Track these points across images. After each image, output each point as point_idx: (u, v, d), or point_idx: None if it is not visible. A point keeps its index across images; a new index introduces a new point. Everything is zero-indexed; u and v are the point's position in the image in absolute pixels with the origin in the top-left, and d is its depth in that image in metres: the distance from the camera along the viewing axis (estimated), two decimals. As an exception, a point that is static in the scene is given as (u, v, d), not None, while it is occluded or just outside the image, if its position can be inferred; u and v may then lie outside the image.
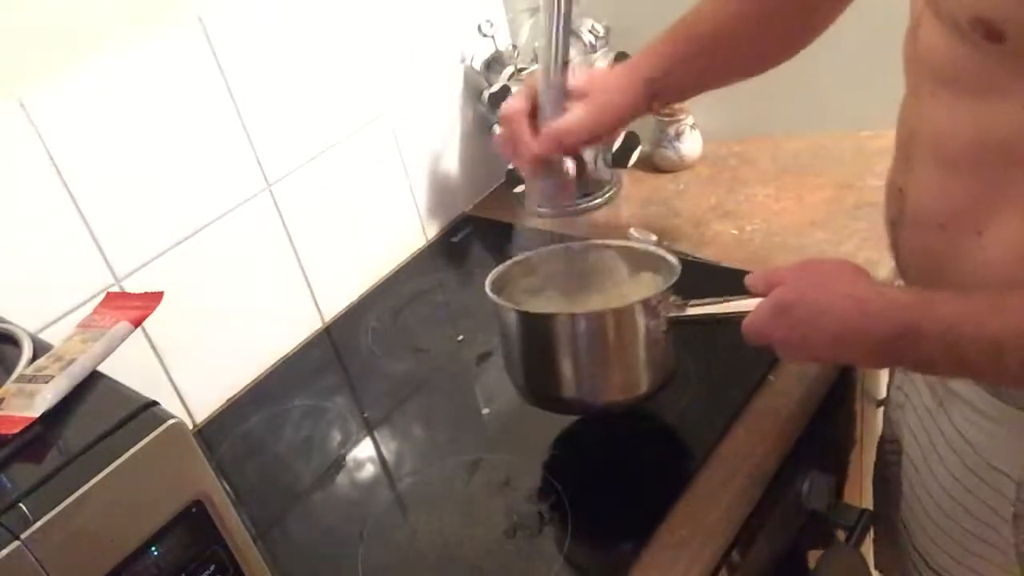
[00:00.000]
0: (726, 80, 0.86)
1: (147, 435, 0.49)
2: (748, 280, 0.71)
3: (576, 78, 0.81)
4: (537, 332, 0.80)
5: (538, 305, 0.85)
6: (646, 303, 0.75)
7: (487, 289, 0.82)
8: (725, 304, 0.73)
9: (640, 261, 0.86)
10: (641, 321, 0.75)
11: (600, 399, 0.81)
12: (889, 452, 0.91)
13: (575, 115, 0.80)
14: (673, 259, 0.82)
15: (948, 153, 0.64)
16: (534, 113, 0.81)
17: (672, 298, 0.76)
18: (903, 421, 0.83)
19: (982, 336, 0.57)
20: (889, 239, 0.76)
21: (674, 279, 0.78)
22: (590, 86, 0.81)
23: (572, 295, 0.86)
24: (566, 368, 0.79)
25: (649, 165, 1.29)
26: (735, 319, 0.70)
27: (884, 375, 1.08)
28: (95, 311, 0.61)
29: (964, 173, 0.63)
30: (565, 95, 0.80)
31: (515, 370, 0.83)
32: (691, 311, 0.76)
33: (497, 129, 1.19)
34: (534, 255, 0.89)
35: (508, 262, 0.88)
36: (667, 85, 0.82)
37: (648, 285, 0.83)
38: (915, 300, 0.62)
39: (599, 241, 0.90)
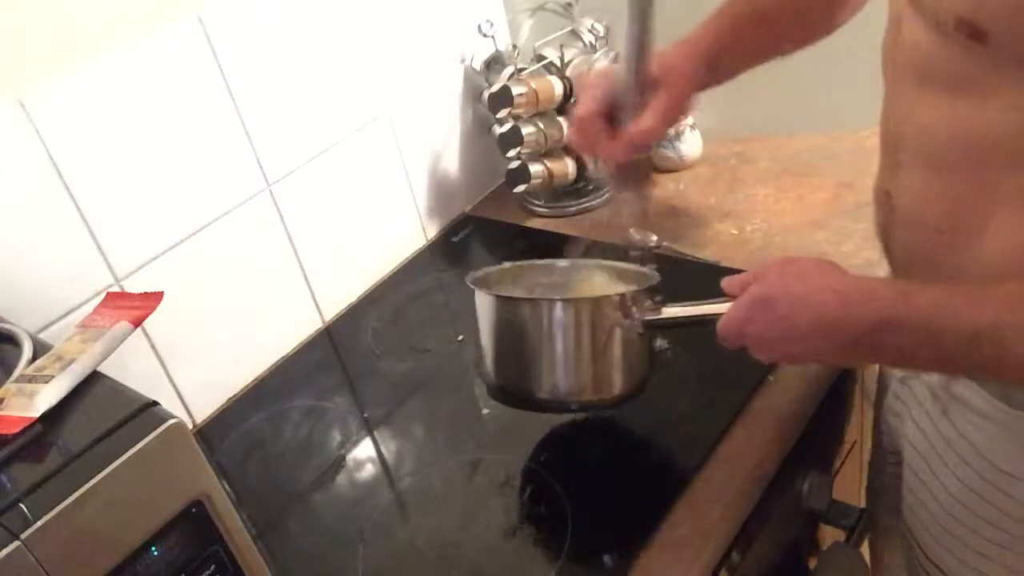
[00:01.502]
0: (773, 54, 0.84)
1: (147, 435, 0.49)
2: (725, 283, 0.71)
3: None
4: (512, 319, 0.79)
5: None
6: (622, 298, 0.76)
7: (468, 280, 0.82)
8: (701, 306, 0.73)
9: (624, 277, 0.86)
10: (616, 316, 0.75)
11: (572, 397, 0.80)
12: (889, 463, 0.91)
13: (653, 114, 0.77)
14: (652, 271, 0.82)
15: (936, 154, 0.64)
16: (608, 112, 0.79)
17: (648, 302, 0.76)
18: (901, 430, 0.83)
19: (960, 327, 0.57)
20: (881, 243, 0.76)
21: (651, 283, 0.78)
22: (662, 71, 0.78)
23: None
24: (539, 359, 0.78)
25: (649, 165, 1.29)
26: (712, 321, 0.70)
27: (877, 380, 1.08)
28: (95, 311, 0.61)
29: (954, 174, 0.63)
30: (645, 87, 0.78)
31: (486, 363, 0.82)
32: (667, 313, 0.76)
33: (498, 124, 1.19)
34: (520, 265, 0.89)
35: (494, 267, 0.88)
36: (722, 62, 0.81)
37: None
38: (894, 291, 0.62)
39: (583, 260, 0.90)
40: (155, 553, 0.51)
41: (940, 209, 0.65)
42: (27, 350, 0.58)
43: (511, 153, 1.20)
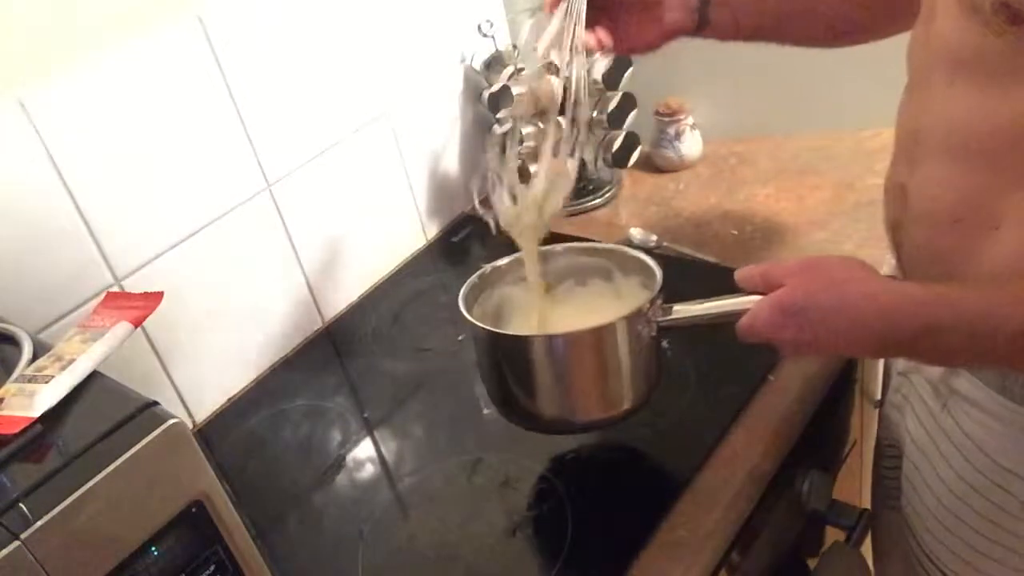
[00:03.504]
0: (792, 34, 0.81)
1: (147, 435, 0.49)
2: (741, 275, 0.69)
3: None
4: (512, 352, 0.76)
5: (518, 301, 0.83)
6: (629, 319, 0.72)
7: (461, 303, 0.78)
8: (715, 304, 0.70)
9: (624, 267, 0.83)
10: (623, 337, 0.72)
11: (580, 418, 0.78)
12: (888, 455, 0.91)
13: None
14: (653, 263, 0.78)
15: (962, 145, 0.63)
16: None
17: (656, 305, 0.73)
18: (902, 423, 0.83)
19: (1008, 328, 0.57)
20: (890, 239, 0.76)
21: (657, 287, 0.75)
22: None
23: (557, 292, 0.83)
24: (544, 388, 0.76)
25: (649, 165, 1.29)
26: (730, 319, 0.68)
27: (882, 376, 1.08)
28: (95, 311, 0.61)
29: (980, 165, 0.62)
30: None
31: (492, 387, 0.80)
32: (680, 315, 0.72)
33: (498, 124, 1.20)
34: (512, 261, 0.85)
35: (486, 268, 0.84)
36: (727, 3, 0.77)
37: (632, 286, 0.81)
38: (934, 296, 0.61)
39: (577, 245, 0.87)
40: (155, 553, 0.51)
41: (959, 201, 0.65)
42: (27, 350, 0.58)
43: (511, 153, 1.20)
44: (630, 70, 1.21)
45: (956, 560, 0.77)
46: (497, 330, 0.78)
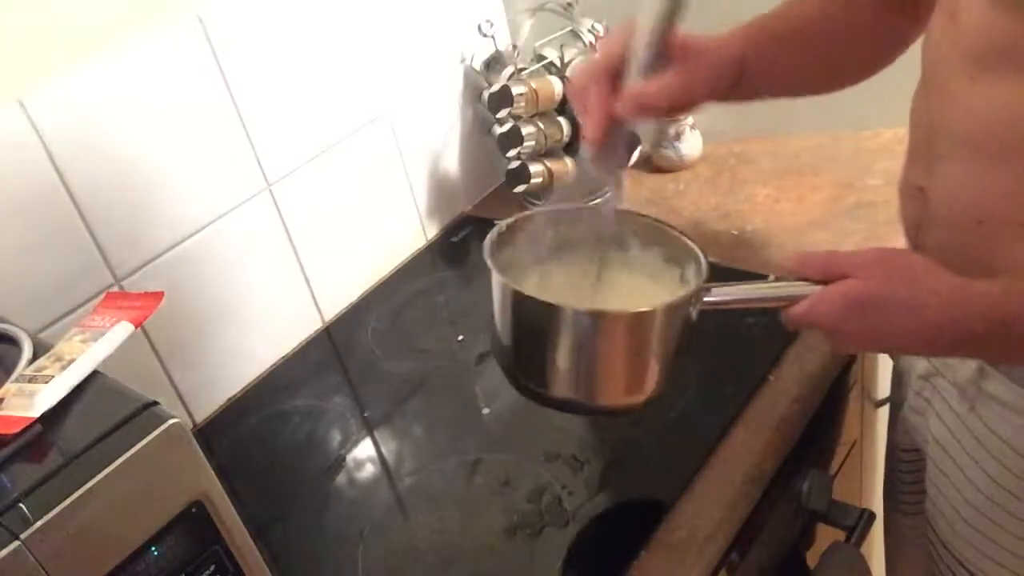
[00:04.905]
0: (812, 85, 0.79)
1: (147, 435, 0.49)
2: (798, 261, 0.65)
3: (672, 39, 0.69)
4: (541, 320, 0.69)
5: (551, 268, 0.77)
6: (679, 303, 0.67)
7: (486, 252, 0.71)
8: (761, 288, 0.67)
9: (663, 242, 0.78)
10: (666, 322, 0.68)
11: (600, 402, 0.73)
12: (905, 460, 0.90)
13: (667, 79, 0.68)
14: (690, 242, 0.74)
15: (987, 143, 0.62)
16: (615, 71, 0.69)
17: (703, 284, 0.68)
18: (925, 427, 0.81)
19: None
20: (910, 241, 0.74)
21: (704, 271, 0.70)
22: (687, 50, 0.70)
23: (594, 260, 0.77)
24: (570, 364, 0.70)
25: (649, 165, 1.29)
26: (778, 304, 0.65)
27: (884, 376, 1.08)
28: (95, 311, 0.61)
29: (1006, 162, 0.61)
30: (662, 57, 0.69)
31: (502, 347, 0.73)
32: (720, 298, 0.68)
33: (498, 124, 1.19)
34: (542, 212, 0.79)
35: (513, 219, 0.77)
36: (753, 72, 0.73)
37: (650, 259, 0.77)
38: (1001, 290, 0.60)
39: (629, 209, 0.80)
40: (155, 553, 0.51)
41: (982, 201, 0.64)
42: (27, 350, 0.58)
43: (511, 153, 1.20)
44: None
45: (989, 563, 0.76)
46: (537, 296, 0.69)
